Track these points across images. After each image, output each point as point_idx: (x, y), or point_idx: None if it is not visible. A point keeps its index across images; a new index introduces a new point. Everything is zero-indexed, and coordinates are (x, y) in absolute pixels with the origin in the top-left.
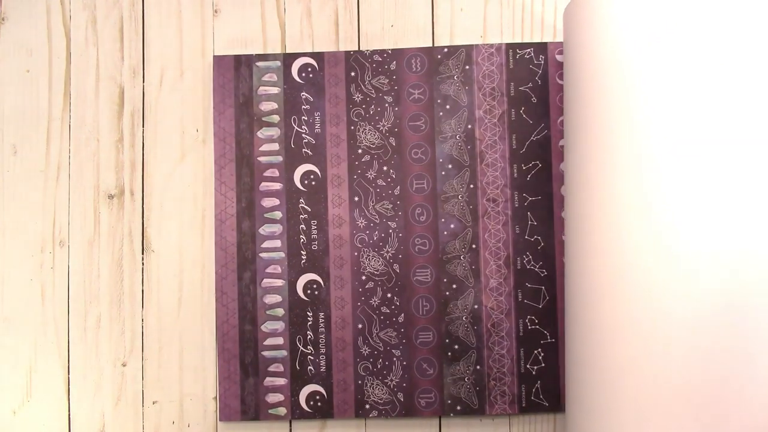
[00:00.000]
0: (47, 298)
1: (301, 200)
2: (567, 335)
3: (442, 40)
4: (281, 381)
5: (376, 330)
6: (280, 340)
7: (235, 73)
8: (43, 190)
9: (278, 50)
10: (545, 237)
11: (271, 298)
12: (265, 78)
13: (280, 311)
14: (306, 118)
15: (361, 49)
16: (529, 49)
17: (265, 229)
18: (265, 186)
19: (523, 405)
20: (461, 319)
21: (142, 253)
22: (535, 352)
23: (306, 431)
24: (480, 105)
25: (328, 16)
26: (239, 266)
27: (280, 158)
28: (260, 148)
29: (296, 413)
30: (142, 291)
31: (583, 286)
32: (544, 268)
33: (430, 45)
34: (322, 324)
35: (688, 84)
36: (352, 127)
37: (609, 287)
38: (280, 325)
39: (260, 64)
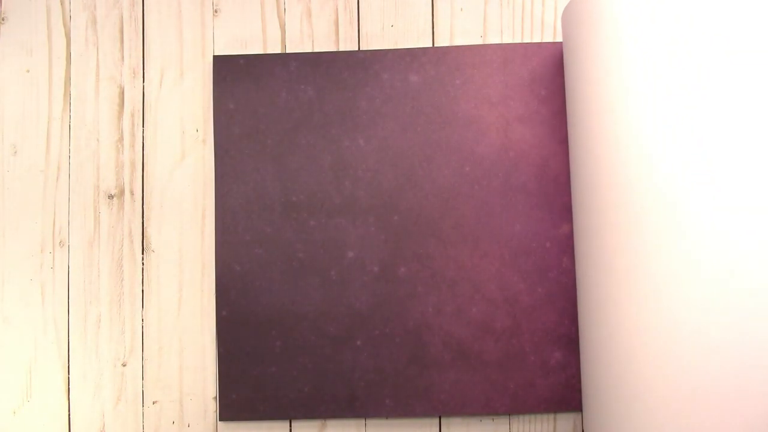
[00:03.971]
0: (47, 298)
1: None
2: (581, 336)
3: (442, 40)
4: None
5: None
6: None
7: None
8: (43, 190)
9: (278, 50)
10: None
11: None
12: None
13: None
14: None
15: (361, 48)
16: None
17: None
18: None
19: None
20: None
21: (142, 253)
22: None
23: (306, 431)
24: None
25: (328, 16)
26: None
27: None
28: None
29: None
30: (142, 291)
31: (597, 287)
32: None
33: (430, 45)
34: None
35: (697, 82)
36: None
37: (623, 289)
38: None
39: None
